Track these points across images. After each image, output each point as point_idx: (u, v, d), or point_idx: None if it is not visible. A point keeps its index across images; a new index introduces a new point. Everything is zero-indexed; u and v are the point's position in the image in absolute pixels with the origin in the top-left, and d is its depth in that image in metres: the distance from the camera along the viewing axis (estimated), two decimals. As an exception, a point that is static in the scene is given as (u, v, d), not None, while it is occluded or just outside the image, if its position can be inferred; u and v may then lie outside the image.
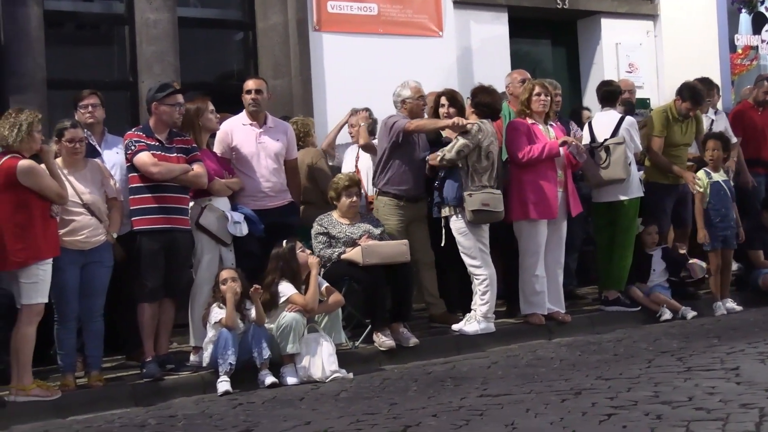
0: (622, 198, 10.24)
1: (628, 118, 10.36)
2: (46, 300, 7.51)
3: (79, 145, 7.86)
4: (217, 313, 7.99)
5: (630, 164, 10.17)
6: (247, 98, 9.07)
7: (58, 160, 7.82)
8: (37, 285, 7.44)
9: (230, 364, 7.85)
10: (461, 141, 9.15)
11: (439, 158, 9.24)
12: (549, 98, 9.63)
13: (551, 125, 9.79)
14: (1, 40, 10.06)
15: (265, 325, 8.16)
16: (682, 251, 10.71)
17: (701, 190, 10.48)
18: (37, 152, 7.59)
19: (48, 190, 7.44)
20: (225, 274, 8.14)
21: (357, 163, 10.20)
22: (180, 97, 8.38)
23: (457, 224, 9.27)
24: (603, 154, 10.11)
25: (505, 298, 10.18)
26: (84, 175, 7.92)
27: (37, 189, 7.40)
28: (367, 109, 10.28)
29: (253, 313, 8.09)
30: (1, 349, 8.08)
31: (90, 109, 8.54)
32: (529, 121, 9.65)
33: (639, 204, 10.37)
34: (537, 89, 9.64)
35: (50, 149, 7.69)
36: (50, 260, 7.50)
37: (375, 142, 9.88)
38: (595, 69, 13.72)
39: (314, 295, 8.31)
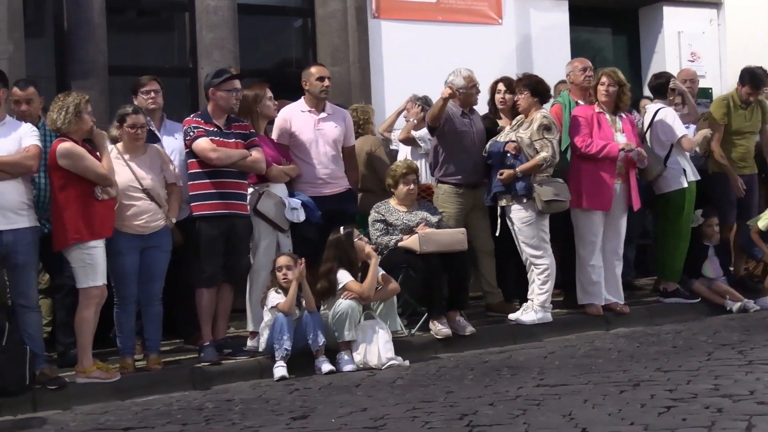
0: (669, 189, 10.12)
1: (662, 110, 10.16)
2: (100, 283, 7.57)
3: (141, 131, 7.92)
4: (274, 298, 8.01)
5: (668, 157, 10.02)
6: (319, 85, 9.04)
7: (119, 145, 7.90)
8: (86, 269, 7.51)
9: (286, 349, 7.87)
10: (547, 153, 9.06)
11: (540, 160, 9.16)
12: (615, 88, 9.50)
13: (621, 116, 9.67)
14: (65, 26, 10.19)
15: (322, 310, 8.18)
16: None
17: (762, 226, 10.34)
18: (90, 136, 7.66)
19: (88, 171, 7.49)
20: (283, 260, 8.16)
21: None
22: (237, 83, 8.40)
23: (520, 214, 9.21)
24: None
25: (562, 288, 10.10)
26: (144, 160, 7.98)
27: (76, 170, 7.47)
28: (423, 100, 10.22)
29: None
30: (61, 331, 8.22)
31: (152, 95, 8.60)
32: (596, 109, 9.56)
33: (693, 194, 10.21)
34: (602, 78, 9.54)
35: (103, 133, 7.73)
36: (97, 243, 7.54)
37: (420, 133, 9.85)
38: (657, 58, 13.56)
39: (372, 284, 8.31)
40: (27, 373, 7.24)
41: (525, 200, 9.11)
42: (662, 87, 10.38)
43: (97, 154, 7.61)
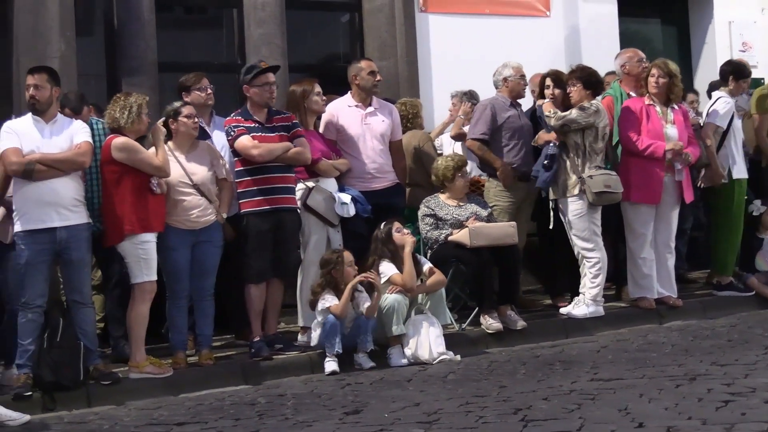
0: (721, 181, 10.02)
1: (721, 98, 10.03)
2: (153, 278, 7.63)
3: (195, 122, 7.96)
4: (327, 300, 7.98)
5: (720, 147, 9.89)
6: (371, 79, 9.03)
7: (169, 143, 7.93)
8: (140, 263, 7.56)
9: (337, 351, 7.89)
10: (572, 116, 9.01)
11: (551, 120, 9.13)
12: (666, 80, 9.39)
13: (673, 108, 9.55)
14: (115, 24, 10.25)
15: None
16: None
17: None
18: (144, 134, 7.71)
19: (143, 163, 7.55)
20: (347, 258, 8.09)
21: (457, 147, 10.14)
22: (270, 76, 8.37)
23: (572, 206, 9.15)
24: None
25: (613, 282, 10.02)
26: (194, 155, 8.02)
27: (132, 164, 7.53)
28: (468, 95, 10.17)
29: (363, 302, 8.04)
30: (112, 324, 8.27)
31: (209, 91, 8.62)
32: (646, 101, 9.46)
33: (744, 187, 10.07)
34: (653, 70, 9.44)
35: (160, 128, 7.78)
36: (149, 237, 7.59)
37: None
38: (707, 48, 13.39)
39: (409, 272, 8.27)
40: (81, 369, 7.30)
41: (575, 190, 9.05)
42: (725, 74, 10.25)
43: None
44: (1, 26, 9.82)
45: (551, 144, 9.13)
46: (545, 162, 9.15)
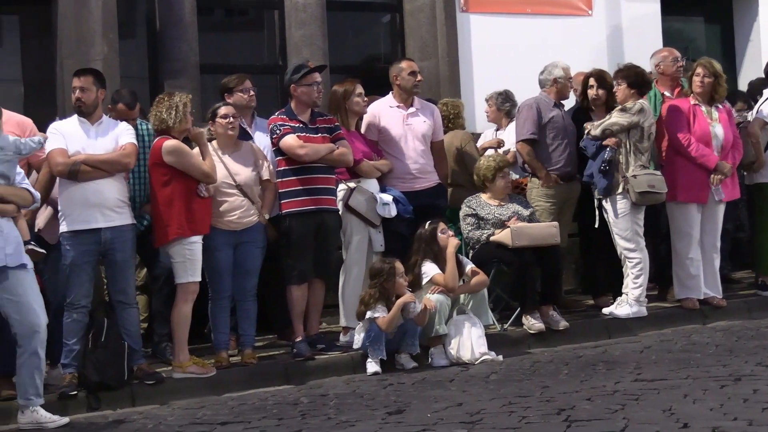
0: (763, 180, 9.94)
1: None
2: (197, 279, 7.68)
3: (234, 121, 7.98)
4: (377, 311, 7.94)
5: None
6: (411, 80, 9.01)
7: (213, 142, 7.97)
8: (185, 264, 7.61)
9: (381, 359, 7.91)
10: (611, 120, 8.98)
11: (586, 131, 9.10)
12: (711, 80, 9.32)
13: (717, 107, 9.48)
14: (157, 26, 10.33)
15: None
16: None
17: None
18: (189, 135, 7.75)
19: (193, 168, 7.60)
20: (399, 269, 8.05)
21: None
22: (317, 76, 8.39)
23: (615, 206, 9.10)
24: None
25: (656, 282, 9.95)
26: (238, 156, 8.05)
27: (181, 168, 7.58)
28: (503, 96, 10.15)
29: (413, 308, 8.01)
30: (157, 321, 8.32)
31: (251, 92, 8.66)
32: (692, 101, 9.39)
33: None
34: (698, 69, 9.37)
35: (201, 131, 7.82)
36: (196, 239, 7.64)
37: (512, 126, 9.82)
38: (752, 47, 13.23)
39: (451, 272, 8.26)
40: (125, 369, 7.36)
41: (617, 190, 8.99)
42: None
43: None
44: (46, 30, 9.93)
45: (608, 148, 9.08)
46: (602, 167, 9.06)
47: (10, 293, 6.55)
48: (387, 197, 8.62)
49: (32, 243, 6.87)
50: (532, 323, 8.67)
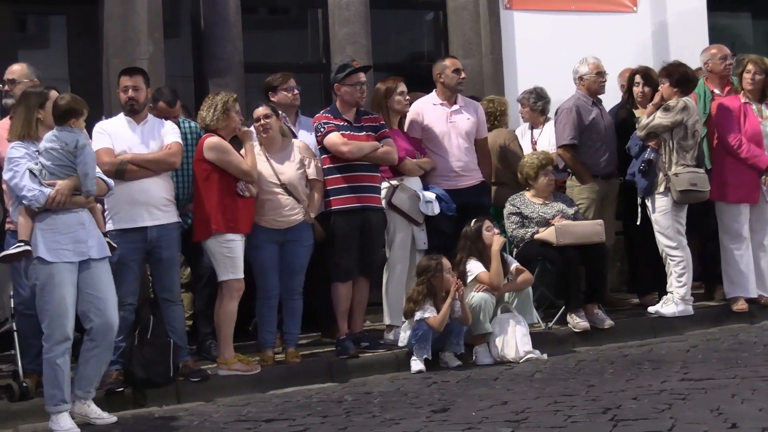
0: None
1: None
2: (238, 276, 7.67)
3: (267, 122, 7.97)
4: (427, 311, 7.93)
5: None
6: (455, 77, 9.01)
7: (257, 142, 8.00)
8: (225, 261, 7.63)
9: (426, 358, 7.90)
10: (656, 121, 8.90)
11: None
12: (762, 77, 9.21)
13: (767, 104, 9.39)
14: (201, 26, 10.38)
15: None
16: None
17: None
18: (237, 134, 7.79)
19: (231, 166, 7.62)
20: (446, 265, 8.03)
21: (534, 145, 10.05)
22: (361, 76, 8.39)
23: (657, 204, 9.04)
24: None
25: (703, 280, 9.86)
26: (283, 155, 8.07)
27: (221, 164, 7.61)
28: (535, 93, 10.10)
29: (457, 307, 8.00)
30: (200, 321, 8.36)
31: (295, 91, 8.68)
32: (742, 99, 9.29)
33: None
34: (748, 66, 9.26)
35: (250, 131, 7.86)
36: (234, 237, 7.64)
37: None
38: (800, 43, 13.09)
39: (496, 271, 8.23)
40: (171, 366, 7.40)
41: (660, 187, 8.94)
42: None
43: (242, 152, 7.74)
44: (92, 30, 10.02)
45: (648, 149, 9.01)
46: (641, 167, 9.02)
47: (92, 287, 6.60)
48: (430, 195, 8.61)
49: (107, 236, 6.90)
50: (577, 322, 8.62)
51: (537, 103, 10.05)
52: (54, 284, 6.46)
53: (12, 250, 6.59)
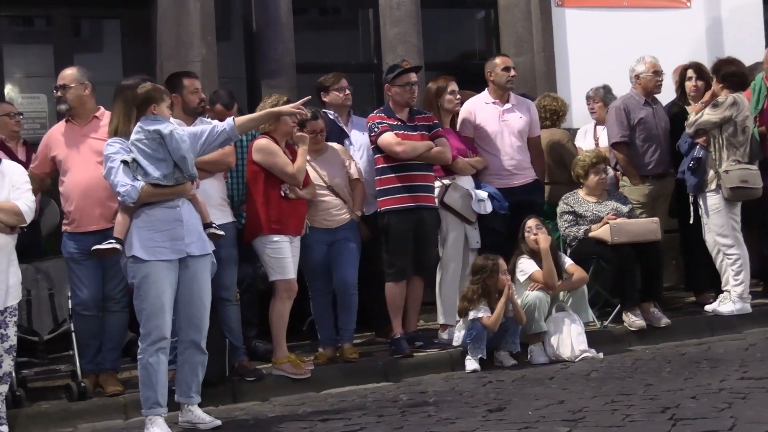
0: None
1: None
2: (287, 277, 7.63)
3: (320, 136, 8.08)
4: (481, 311, 7.92)
5: None
6: (504, 75, 8.98)
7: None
8: (272, 262, 7.62)
9: (481, 357, 7.88)
10: (704, 118, 8.81)
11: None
12: None
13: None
14: (253, 27, 10.44)
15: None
16: None
17: None
18: (293, 137, 7.78)
19: (276, 168, 7.61)
20: (502, 266, 8.02)
21: (597, 142, 9.98)
22: (412, 77, 8.36)
23: (709, 201, 8.94)
24: None
25: (761, 278, 9.74)
26: (326, 158, 8.13)
27: (267, 166, 7.61)
28: (604, 90, 10.03)
29: (510, 307, 7.99)
30: (247, 327, 8.38)
31: (347, 92, 8.70)
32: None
33: None
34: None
35: (304, 135, 7.76)
36: (279, 238, 7.60)
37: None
38: None
39: (548, 270, 8.18)
40: (227, 365, 7.42)
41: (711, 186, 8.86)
42: None
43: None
44: (145, 33, 10.11)
45: (697, 146, 8.92)
46: (690, 164, 8.93)
47: (186, 285, 6.48)
48: (482, 194, 8.59)
49: (213, 225, 6.76)
50: (633, 320, 8.56)
51: (608, 98, 9.94)
52: (149, 283, 6.33)
53: (102, 246, 6.45)
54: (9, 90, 10.15)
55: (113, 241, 6.40)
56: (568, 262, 8.45)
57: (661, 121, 9.37)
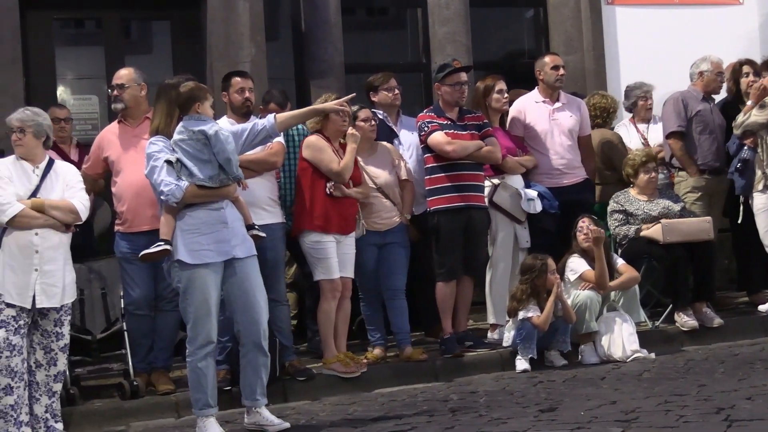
0: None
1: None
2: (330, 277, 7.62)
3: (373, 124, 8.02)
4: (530, 310, 7.89)
5: None
6: (553, 74, 8.94)
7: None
8: (314, 261, 7.65)
9: (531, 357, 7.86)
10: (751, 119, 8.71)
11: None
12: None
13: None
14: (302, 28, 10.47)
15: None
16: None
17: None
18: (347, 137, 7.77)
19: (322, 164, 7.61)
20: (551, 266, 7.99)
21: (646, 141, 9.88)
22: (462, 76, 8.34)
23: (757, 200, 8.89)
24: None
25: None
26: (375, 159, 8.11)
27: (314, 162, 7.63)
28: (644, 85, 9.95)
29: (560, 306, 7.96)
30: (309, 318, 8.42)
31: (396, 91, 8.69)
32: None
33: None
34: None
35: (355, 134, 7.74)
36: (319, 237, 7.59)
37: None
38: None
39: (601, 271, 8.12)
40: (277, 365, 7.42)
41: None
42: None
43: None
44: (195, 34, 10.17)
45: (745, 147, 8.83)
46: (738, 166, 8.87)
47: (238, 288, 6.42)
48: (532, 193, 8.56)
49: (256, 228, 6.70)
50: (685, 320, 8.49)
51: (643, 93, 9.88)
52: (195, 287, 6.28)
53: (151, 249, 6.38)
54: (61, 91, 10.27)
55: (161, 243, 6.34)
56: (620, 262, 8.39)
57: (717, 117, 9.29)
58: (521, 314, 7.86)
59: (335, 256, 7.62)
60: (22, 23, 9.49)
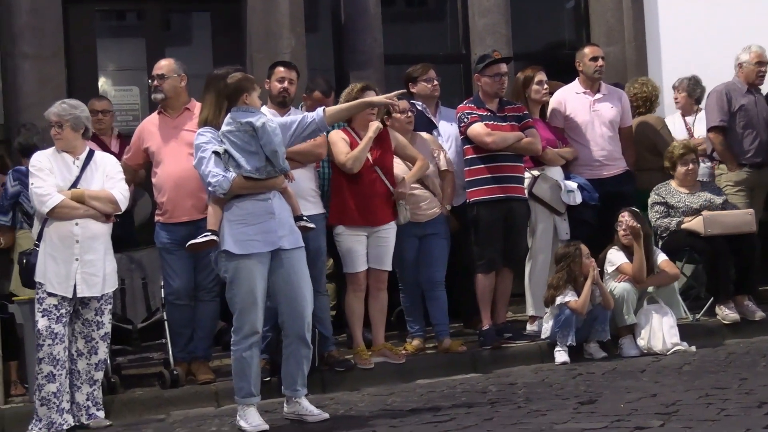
0: None
1: None
2: (351, 270, 7.63)
3: (410, 116, 8.02)
4: (568, 295, 7.87)
5: None
6: (592, 65, 8.90)
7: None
8: (340, 254, 7.66)
9: (570, 344, 7.82)
10: None
11: None
12: None
13: None
14: (342, 18, 10.47)
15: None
16: None
17: None
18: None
19: (332, 155, 7.61)
20: (585, 251, 7.96)
21: (691, 132, 9.80)
22: (502, 67, 8.30)
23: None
24: None
25: None
26: (416, 149, 8.05)
27: (331, 155, 7.64)
28: (693, 81, 9.84)
29: (597, 293, 7.93)
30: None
31: (435, 82, 8.67)
32: None
33: None
34: None
35: (374, 124, 7.62)
36: (342, 230, 7.60)
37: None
38: None
39: (639, 263, 8.06)
40: (317, 355, 7.42)
41: None
42: None
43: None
44: (235, 26, 10.19)
45: None
46: None
47: (283, 279, 6.38)
48: (572, 184, 8.51)
49: (304, 218, 6.70)
50: (726, 313, 8.42)
51: (696, 90, 9.79)
52: (242, 277, 6.26)
53: (198, 240, 6.37)
54: (103, 83, 10.35)
55: (209, 233, 6.34)
56: (661, 257, 8.31)
57: (762, 110, 9.21)
58: (559, 299, 7.83)
59: (359, 250, 7.62)
60: (65, 15, 9.56)
